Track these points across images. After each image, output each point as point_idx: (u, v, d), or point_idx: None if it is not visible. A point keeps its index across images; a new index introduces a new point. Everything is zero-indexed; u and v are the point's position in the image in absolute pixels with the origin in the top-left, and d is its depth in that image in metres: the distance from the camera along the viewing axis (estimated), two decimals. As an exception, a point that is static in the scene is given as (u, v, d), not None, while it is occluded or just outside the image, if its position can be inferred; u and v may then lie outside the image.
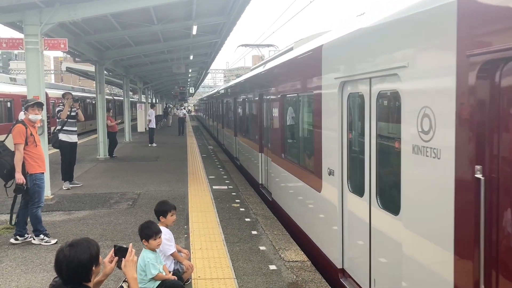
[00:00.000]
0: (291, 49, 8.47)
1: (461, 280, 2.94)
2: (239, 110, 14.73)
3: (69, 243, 2.75)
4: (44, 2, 8.79)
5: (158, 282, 4.08)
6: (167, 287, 4.10)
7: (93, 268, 2.75)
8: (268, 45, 17.15)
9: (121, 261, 3.13)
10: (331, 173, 5.31)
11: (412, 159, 3.48)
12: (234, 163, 15.22)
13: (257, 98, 10.65)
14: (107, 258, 3.13)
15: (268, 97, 9.39)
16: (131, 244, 3.24)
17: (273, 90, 8.74)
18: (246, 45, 17.14)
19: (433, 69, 3.21)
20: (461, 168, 2.91)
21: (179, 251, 4.84)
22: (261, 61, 13.62)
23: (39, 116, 6.61)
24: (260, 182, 10.68)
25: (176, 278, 4.29)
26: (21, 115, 7.00)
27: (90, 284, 2.76)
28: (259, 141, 10.70)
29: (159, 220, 4.79)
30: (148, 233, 4.14)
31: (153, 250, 4.17)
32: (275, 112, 8.58)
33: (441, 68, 3.10)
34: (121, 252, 3.14)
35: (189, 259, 5.05)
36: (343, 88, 5.00)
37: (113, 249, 3.17)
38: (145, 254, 4.12)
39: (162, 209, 4.77)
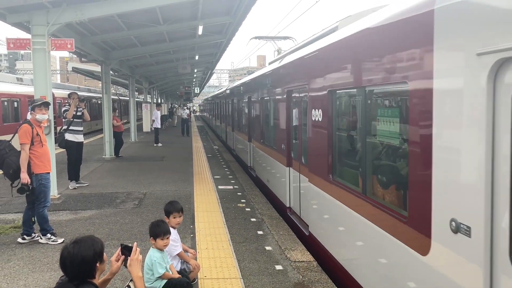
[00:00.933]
0: (335, 29, 6.22)
1: None
2: (255, 111, 12.15)
3: (73, 240, 2.80)
4: (51, 3, 8.85)
5: (164, 281, 4.10)
6: (173, 286, 4.11)
7: (97, 264, 2.79)
8: (285, 38, 14.72)
9: (127, 259, 3.15)
10: (458, 229, 2.88)
11: None
12: (248, 174, 12.84)
13: (284, 96, 8.18)
14: (113, 257, 3.16)
15: (302, 94, 7.06)
16: (135, 243, 3.26)
17: (313, 84, 6.21)
18: (259, 38, 14.88)
19: None
20: None
21: (185, 250, 4.85)
22: (278, 55, 11.77)
23: (46, 116, 6.65)
24: (288, 205, 8.14)
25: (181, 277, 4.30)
26: (30, 116, 7.03)
27: (95, 281, 2.79)
28: (286, 152, 8.16)
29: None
30: (156, 231, 4.16)
31: (160, 249, 4.18)
32: (316, 114, 6.10)
33: None
34: (127, 251, 3.17)
35: (196, 259, 5.06)
36: (497, 72, 2.57)
37: (119, 248, 3.19)
38: (152, 253, 4.14)
39: (166, 210, 4.78)
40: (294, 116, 7.80)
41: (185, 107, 34.53)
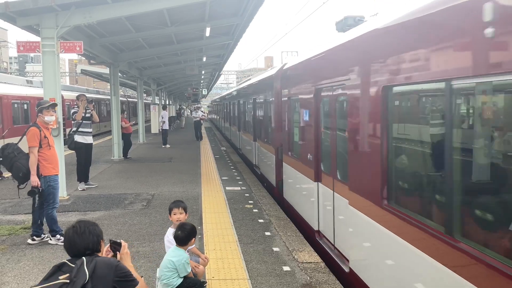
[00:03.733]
0: None
1: None
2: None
3: (75, 221, 2.95)
4: (60, 6, 8.93)
5: (180, 280, 4.11)
6: (188, 285, 4.13)
7: (101, 241, 2.94)
8: None
9: (117, 254, 3.22)
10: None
11: None
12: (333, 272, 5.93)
13: None
14: (103, 253, 3.22)
15: None
16: (122, 240, 3.30)
17: None
18: None
19: None
20: None
21: (197, 255, 4.86)
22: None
23: (53, 117, 6.73)
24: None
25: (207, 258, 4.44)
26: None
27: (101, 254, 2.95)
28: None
29: None
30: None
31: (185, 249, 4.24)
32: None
33: None
34: (116, 245, 3.24)
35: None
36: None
37: (109, 244, 3.26)
38: (180, 252, 4.15)
39: (169, 208, 4.82)
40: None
41: (199, 110, 27.77)
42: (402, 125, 4.29)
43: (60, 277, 2.64)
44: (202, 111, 28.85)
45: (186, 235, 4.20)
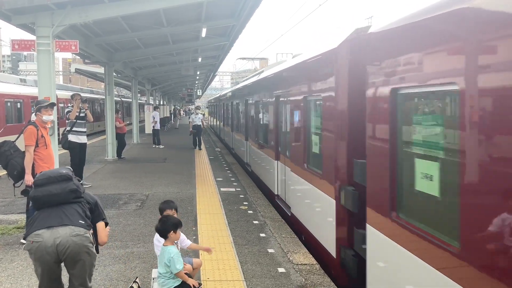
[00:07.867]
0: None
1: None
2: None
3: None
4: (56, 4, 8.88)
5: (178, 283, 4.06)
6: (184, 286, 4.09)
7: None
8: None
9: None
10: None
11: None
12: None
13: None
14: None
15: None
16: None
17: None
18: None
19: None
20: None
21: (194, 249, 4.82)
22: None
23: (51, 117, 6.70)
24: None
25: (197, 284, 4.22)
26: (34, 117, 7.07)
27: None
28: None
29: None
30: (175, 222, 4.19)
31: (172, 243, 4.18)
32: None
33: None
34: None
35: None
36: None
37: None
38: (169, 249, 4.10)
39: (160, 208, 4.80)
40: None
41: (198, 111, 21.90)
42: None
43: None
44: (202, 114, 23.25)
45: (171, 224, 4.15)
